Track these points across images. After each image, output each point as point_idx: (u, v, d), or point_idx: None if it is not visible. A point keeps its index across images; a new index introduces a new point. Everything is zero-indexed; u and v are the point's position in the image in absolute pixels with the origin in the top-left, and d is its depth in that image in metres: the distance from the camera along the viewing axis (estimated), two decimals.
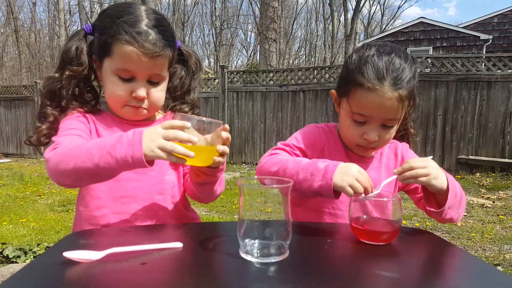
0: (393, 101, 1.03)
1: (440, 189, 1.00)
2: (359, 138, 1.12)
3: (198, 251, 0.84)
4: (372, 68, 1.04)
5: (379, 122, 1.09)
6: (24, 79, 21.40)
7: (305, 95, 7.74)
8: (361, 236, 0.92)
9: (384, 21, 30.34)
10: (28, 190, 6.28)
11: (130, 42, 1.05)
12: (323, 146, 1.22)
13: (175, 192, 1.19)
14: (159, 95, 1.16)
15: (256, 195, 0.80)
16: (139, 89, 1.10)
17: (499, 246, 3.28)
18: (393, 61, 1.04)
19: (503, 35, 13.11)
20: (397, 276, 0.74)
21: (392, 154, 1.27)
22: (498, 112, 6.34)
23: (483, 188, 5.51)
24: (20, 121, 10.75)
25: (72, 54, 1.13)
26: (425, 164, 0.97)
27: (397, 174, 0.99)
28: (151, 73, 1.11)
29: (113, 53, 1.07)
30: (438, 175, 0.99)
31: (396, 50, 1.08)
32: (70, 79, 1.14)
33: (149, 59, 1.07)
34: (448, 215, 1.04)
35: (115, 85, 1.10)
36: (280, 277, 0.71)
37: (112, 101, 1.15)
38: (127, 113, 1.15)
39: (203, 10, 31.63)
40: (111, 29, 1.06)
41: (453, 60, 6.56)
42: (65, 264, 0.74)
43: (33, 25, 25.60)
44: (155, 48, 1.07)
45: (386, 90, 1.02)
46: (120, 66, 1.08)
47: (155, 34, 1.07)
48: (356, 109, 1.09)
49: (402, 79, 1.03)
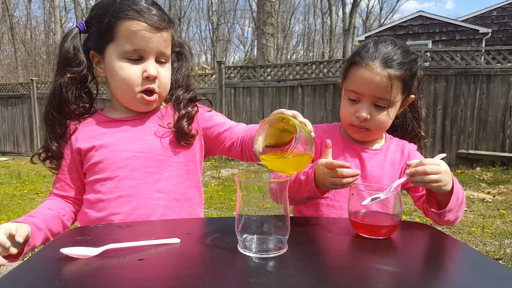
0: (382, 78, 1.11)
1: (445, 193, 1.00)
2: (352, 117, 1.18)
3: (195, 247, 0.84)
4: (368, 50, 1.15)
5: (370, 99, 1.15)
6: (20, 76, 21.32)
7: (303, 90, 7.71)
8: (360, 230, 0.91)
9: (383, 15, 30.28)
10: (25, 188, 6.27)
11: (135, 18, 1.06)
12: (321, 142, 1.24)
13: (175, 188, 1.16)
14: (167, 75, 1.17)
15: (254, 190, 0.79)
16: (149, 67, 1.10)
17: (500, 241, 3.29)
18: (386, 46, 1.15)
19: (502, 28, 13.07)
20: (398, 270, 0.73)
21: (398, 150, 1.27)
22: (498, 105, 6.33)
23: (484, 183, 5.51)
24: (17, 119, 10.72)
25: (71, 54, 1.13)
26: (440, 170, 0.96)
27: (409, 175, 0.98)
28: (158, 51, 1.12)
29: (118, 35, 1.08)
30: (449, 182, 0.98)
31: (395, 42, 1.17)
32: (72, 81, 1.14)
33: (156, 34, 1.09)
34: (446, 217, 1.04)
35: (124, 70, 1.10)
36: (279, 272, 0.71)
37: (123, 89, 1.13)
38: (139, 103, 1.14)
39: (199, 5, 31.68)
40: (113, 11, 1.07)
41: (452, 53, 6.54)
42: (62, 260, 0.74)
43: (29, 22, 25.47)
44: (160, 22, 1.09)
45: (376, 66, 1.12)
46: (127, 47, 1.08)
47: (156, 10, 1.10)
48: (350, 86, 1.18)
49: (392, 59, 1.12)
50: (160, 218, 1.12)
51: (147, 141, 1.15)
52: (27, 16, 25.70)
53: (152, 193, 1.12)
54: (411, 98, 1.23)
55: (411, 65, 1.15)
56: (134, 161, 1.12)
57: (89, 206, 1.14)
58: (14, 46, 22.82)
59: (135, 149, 1.13)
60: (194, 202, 1.21)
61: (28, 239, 1.01)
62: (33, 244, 1.03)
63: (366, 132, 1.20)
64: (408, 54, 1.15)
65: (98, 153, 1.12)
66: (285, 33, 29.99)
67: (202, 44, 33.16)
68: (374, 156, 1.23)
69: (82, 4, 23.52)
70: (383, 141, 1.29)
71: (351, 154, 1.24)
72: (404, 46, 1.17)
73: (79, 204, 1.21)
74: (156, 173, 1.13)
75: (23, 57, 23.38)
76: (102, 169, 1.12)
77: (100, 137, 1.15)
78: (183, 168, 1.19)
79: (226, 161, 8.34)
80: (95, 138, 1.15)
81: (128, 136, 1.15)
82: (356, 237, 0.90)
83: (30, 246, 1.02)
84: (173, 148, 1.17)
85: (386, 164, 1.23)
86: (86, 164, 1.15)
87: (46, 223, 1.09)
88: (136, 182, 1.11)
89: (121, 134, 1.16)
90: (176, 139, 1.17)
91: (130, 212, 1.10)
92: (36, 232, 1.05)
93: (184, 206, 1.18)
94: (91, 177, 1.13)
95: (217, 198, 5.23)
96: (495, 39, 12.75)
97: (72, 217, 1.20)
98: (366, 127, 1.18)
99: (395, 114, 1.22)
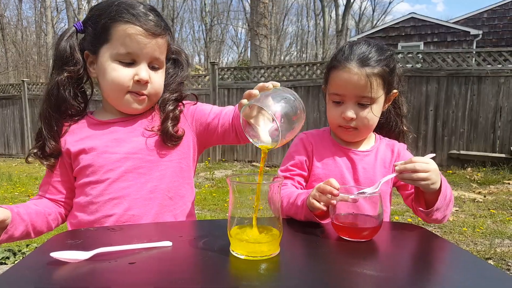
0: (360, 77, 1.14)
1: (433, 191, 1.02)
2: (338, 118, 1.21)
3: (187, 250, 0.83)
4: (343, 53, 1.19)
5: (353, 100, 1.18)
6: (11, 77, 21.11)
7: (296, 91, 7.55)
8: (341, 233, 0.91)
9: (375, 16, 30.47)
10: (16, 190, 6.20)
11: (131, 21, 1.06)
12: (312, 149, 1.27)
13: (168, 187, 1.15)
14: (160, 81, 1.17)
15: (247, 193, 0.79)
16: (141, 71, 1.10)
17: (490, 240, 3.32)
18: (361, 47, 1.18)
19: (493, 30, 13.23)
20: (388, 271, 0.73)
21: (389, 150, 1.28)
22: (489, 107, 6.41)
23: (475, 183, 5.57)
24: (8, 120, 10.60)
25: (67, 54, 1.13)
26: (429, 168, 0.98)
27: (398, 172, 1.00)
28: (152, 57, 1.12)
29: (113, 37, 1.08)
30: (437, 181, 1.00)
31: (369, 42, 1.21)
32: (69, 80, 1.14)
33: (151, 40, 1.09)
34: (434, 216, 1.06)
35: (116, 71, 1.09)
36: (271, 275, 0.71)
37: (112, 89, 1.13)
38: (128, 102, 1.13)
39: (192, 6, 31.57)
40: (110, 13, 1.07)
41: (443, 55, 6.61)
42: (52, 264, 0.73)
43: (19, 22, 25.20)
44: (156, 28, 1.09)
45: (353, 67, 1.15)
46: (120, 49, 1.08)
47: (153, 16, 1.10)
48: (332, 89, 1.21)
49: (368, 58, 1.15)
50: (154, 217, 1.11)
51: (137, 142, 1.15)
52: (18, 16, 25.42)
53: (144, 194, 1.11)
54: (394, 93, 1.25)
55: (387, 61, 1.18)
56: (124, 163, 1.11)
57: (80, 209, 1.13)
58: (5, 46, 22.57)
59: (125, 150, 1.13)
60: (187, 200, 1.21)
61: (6, 225, 0.99)
62: (11, 233, 1.00)
63: (355, 131, 1.21)
64: (383, 51, 1.18)
65: (88, 156, 1.12)
66: (278, 34, 30.04)
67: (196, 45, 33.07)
68: (364, 157, 1.24)
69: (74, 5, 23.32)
70: (373, 142, 1.30)
71: (341, 157, 1.25)
72: (379, 44, 1.21)
73: (66, 208, 1.20)
74: (147, 174, 1.13)
75: (14, 58, 23.14)
76: (92, 172, 1.11)
77: (89, 139, 1.14)
78: (176, 166, 1.18)
79: (220, 162, 8.33)
80: (84, 140, 1.14)
81: (117, 138, 1.15)
82: (348, 239, 0.90)
83: (7, 235, 1.00)
84: (163, 147, 1.16)
85: (377, 164, 1.24)
86: (76, 167, 1.14)
87: (30, 216, 1.07)
88: (127, 184, 1.10)
89: (110, 136, 1.15)
90: (162, 141, 1.16)
91: (122, 214, 1.09)
92: (17, 221, 1.02)
93: (179, 204, 1.17)
94: (81, 180, 1.13)
95: (210, 199, 5.22)
96: (486, 41, 12.91)
97: (57, 219, 1.18)
98: (354, 127, 1.20)
99: (381, 110, 1.24)
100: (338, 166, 1.23)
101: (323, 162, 1.25)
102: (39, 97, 9.91)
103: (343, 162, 1.24)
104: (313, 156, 1.26)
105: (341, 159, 1.24)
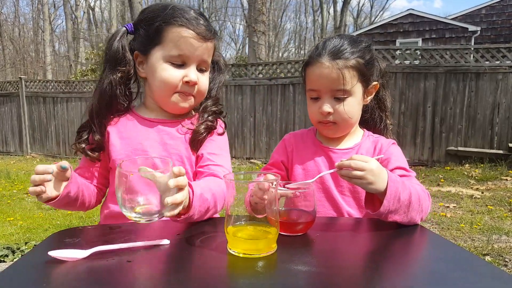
0: (331, 70, 1.14)
1: (379, 193, 0.96)
2: (317, 114, 1.21)
3: (185, 248, 0.84)
4: (317, 49, 1.20)
5: (329, 94, 1.18)
6: (9, 74, 21.04)
7: (294, 88, 7.72)
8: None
9: (373, 13, 30.41)
10: (15, 188, 6.20)
11: (185, 25, 1.11)
12: (292, 149, 1.31)
13: None
14: (206, 83, 1.23)
15: (244, 190, 0.79)
16: (191, 73, 1.15)
17: (488, 236, 3.33)
18: (333, 41, 1.19)
19: (491, 26, 13.24)
20: (384, 268, 0.74)
21: (372, 147, 1.26)
22: (487, 103, 6.41)
23: (472, 179, 5.58)
24: (5, 118, 10.54)
25: (120, 54, 1.18)
26: (364, 167, 0.93)
27: (338, 167, 0.97)
28: (201, 59, 1.17)
29: (165, 39, 1.12)
30: (375, 181, 0.94)
31: (342, 35, 1.22)
32: (121, 79, 1.19)
33: (202, 43, 1.14)
34: (391, 219, 0.97)
35: (166, 71, 1.14)
36: (268, 272, 0.71)
37: (161, 88, 1.17)
38: (175, 102, 1.18)
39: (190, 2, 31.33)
40: (164, 16, 1.12)
41: (442, 51, 6.60)
42: (50, 263, 0.74)
43: (17, 19, 25.10)
44: (207, 32, 1.15)
45: (324, 61, 1.15)
46: (173, 51, 1.12)
47: (204, 21, 1.15)
48: (308, 86, 1.23)
49: (339, 51, 1.15)
50: None
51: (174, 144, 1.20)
52: (15, 13, 25.33)
53: None
54: (375, 85, 1.24)
55: (362, 52, 1.17)
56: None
57: (113, 200, 1.17)
58: (2, 43, 22.49)
59: (160, 150, 1.18)
60: None
61: (67, 178, 1.02)
62: (69, 188, 1.04)
63: (334, 126, 1.21)
64: (356, 43, 1.18)
65: (125, 149, 1.17)
66: (276, 31, 29.97)
67: None
68: (343, 155, 1.23)
69: (72, 1, 23.18)
70: (359, 139, 1.29)
71: (320, 156, 1.26)
72: (352, 37, 1.21)
73: (99, 194, 1.25)
74: None
75: (12, 55, 23.05)
76: None
77: (129, 134, 1.20)
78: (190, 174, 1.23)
79: None
80: (124, 134, 1.20)
81: (156, 137, 1.20)
82: (345, 236, 0.91)
83: (66, 190, 1.03)
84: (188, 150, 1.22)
85: None
86: (113, 158, 1.19)
87: (82, 181, 1.13)
88: None
89: (149, 134, 1.20)
90: (190, 142, 1.20)
91: None
92: (74, 178, 1.06)
93: None
94: None
95: None
96: (484, 37, 12.91)
97: (95, 197, 1.23)
98: (332, 121, 1.20)
99: (361, 104, 1.23)
100: (317, 165, 1.24)
101: (302, 162, 1.27)
102: (36, 94, 9.89)
103: (322, 161, 1.25)
104: (293, 157, 1.29)
105: (320, 158, 1.25)
